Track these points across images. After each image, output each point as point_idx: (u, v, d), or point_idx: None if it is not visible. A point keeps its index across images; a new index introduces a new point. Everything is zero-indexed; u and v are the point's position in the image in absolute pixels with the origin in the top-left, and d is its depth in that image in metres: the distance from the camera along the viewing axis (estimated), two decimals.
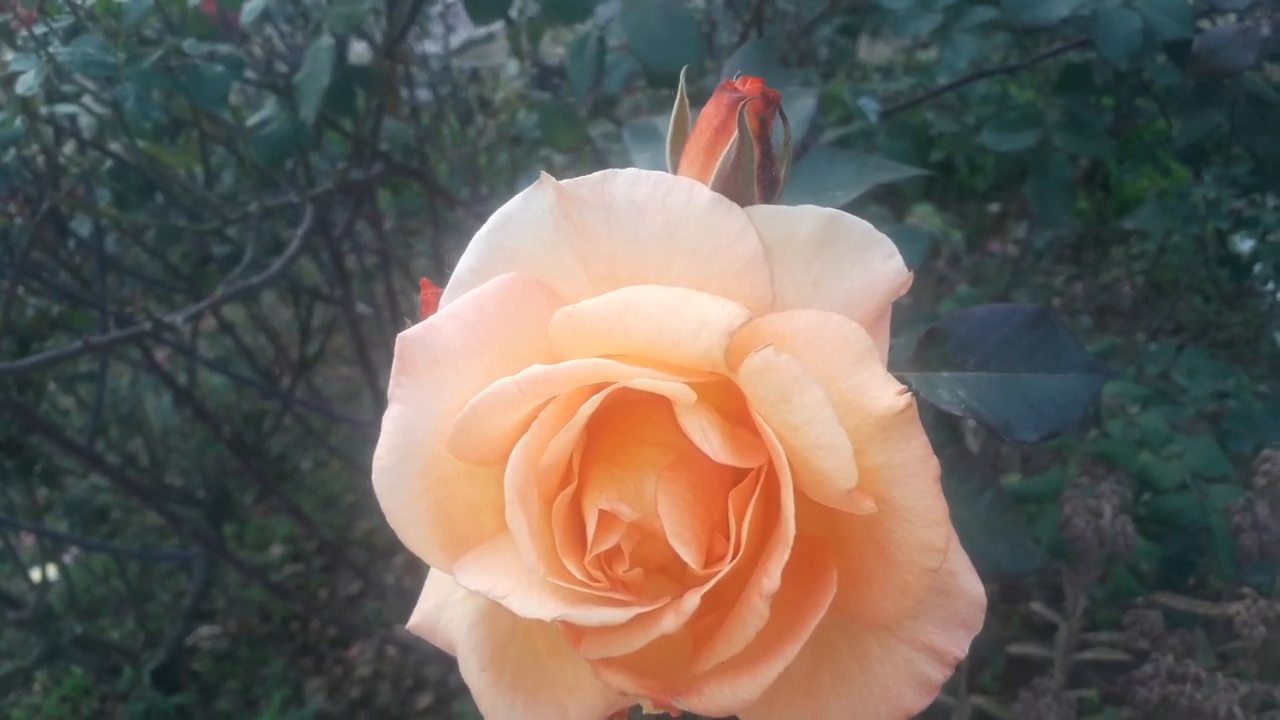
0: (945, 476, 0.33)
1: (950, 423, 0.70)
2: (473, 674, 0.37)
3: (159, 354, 1.82)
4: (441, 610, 0.40)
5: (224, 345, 2.01)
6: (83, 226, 1.32)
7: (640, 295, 0.33)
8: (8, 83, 0.74)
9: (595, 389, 0.34)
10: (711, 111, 0.38)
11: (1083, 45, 1.13)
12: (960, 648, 0.35)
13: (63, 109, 0.94)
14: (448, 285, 0.37)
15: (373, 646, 1.92)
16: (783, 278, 0.35)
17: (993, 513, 0.56)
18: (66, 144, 1.14)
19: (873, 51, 2.54)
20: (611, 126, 1.15)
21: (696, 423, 0.33)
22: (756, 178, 0.38)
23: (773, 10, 1.53)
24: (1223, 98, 1.05)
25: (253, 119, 1.01)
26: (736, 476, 0.35)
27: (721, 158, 0.38)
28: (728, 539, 0.34)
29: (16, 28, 0.76)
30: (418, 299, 0.42)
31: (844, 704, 0.36)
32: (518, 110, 1.37)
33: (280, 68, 1.07)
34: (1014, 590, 1.36)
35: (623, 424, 0.37)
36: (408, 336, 0.34)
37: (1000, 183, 2.58)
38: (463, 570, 0.34)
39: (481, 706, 0.37)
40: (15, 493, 1.68)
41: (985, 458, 1.18)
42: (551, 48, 1.86)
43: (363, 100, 1.07)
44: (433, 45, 1.87)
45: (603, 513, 0.34)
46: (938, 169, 2.45)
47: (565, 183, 0.35)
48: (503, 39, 1.61)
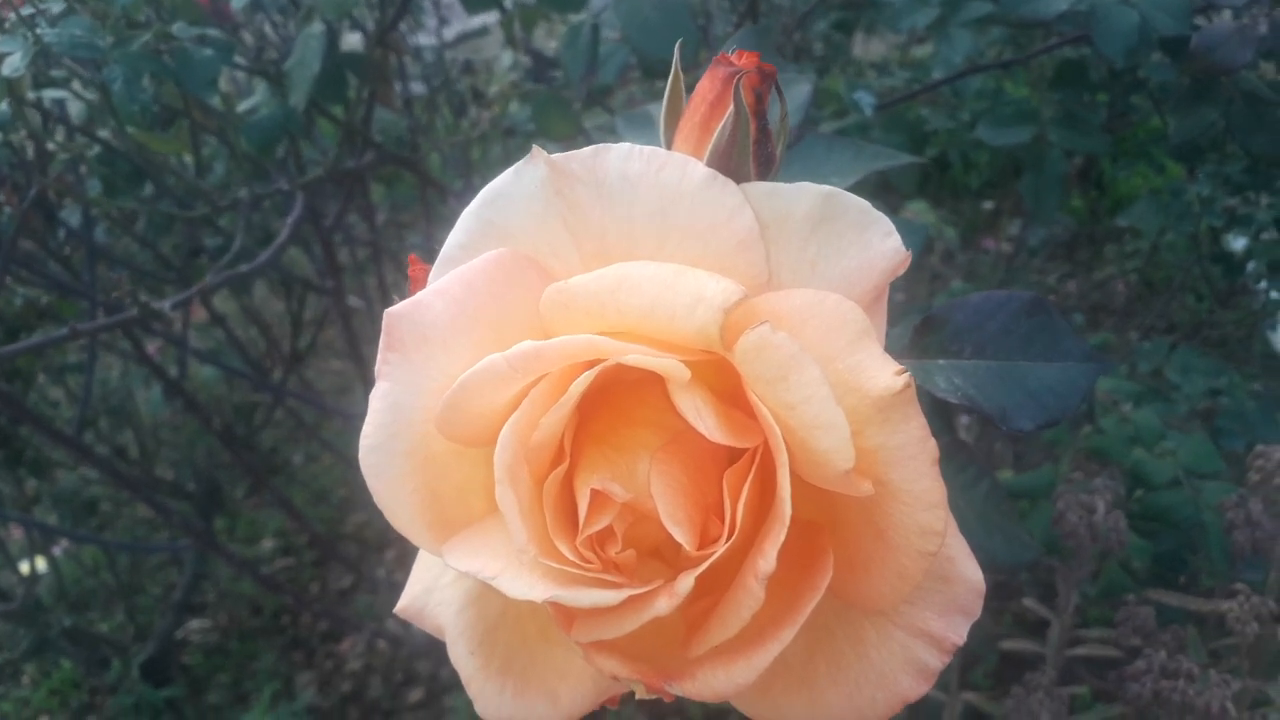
0: (941, 465, 0.32)
1: (944, 414, 0.70)
2: (461, 658, 0.36)
3: (150, 346, 1.80)
4: (430, 594, 0.39)
5: (215, 338, 2.00)
6: (73, 216, 1.31)
7: (634, 271, 0.33)
8: None
9: (587, 366, 0.33)
10: (706, 86, 0.37)
11: (1077, 41, 1.13)
12: (958, 634, 0.34)
13: (51, 93, 0.92)
14: (436, 261, 0.36)
15: (364, 640, 1.91)
16: (779, 256, 0.34)
17: (988, 504, 0.55)
18: (55, 131, 1.13)
19: (868, 48, 2.54)
20: (606, 118, 1.15)
21: (691, 401, 0.33)
22: (752, 154, 0.37)
23: (767, 5, 1.52)
24: (1219, 96, 1.04)
25: (243, 105, 1.00)
26: (731, 457, 0.35)
27: (716, 133, 0.37)
28: (722, 521, 0.33)
29: (4, 11, 0.75)
30: (409, 287, 0.41)
31: (840, 690, 0.35)
32: (511, 101, 1.36)
33: (271, 55, 1.06)
34: (1005, 586, 1.36)
35: (616, 404, 0.36)
36: (395, 312, 0.34)
37: (994, 180, 2.58)
38: (451, 551, 0.34)
39: (470, 691, 0.36)
40: (4, 484, 1.66)
41: (978, 452, 1.18)
42: (546, 41, 1.85)
43: (354, 89, 1.06)
44: (427, 38, 1.86)
45: (595, 493, 0.34)
46: (932, 166, 2.45)
47: (557, 157, 0.34)
48: (498, 31, 1.60)
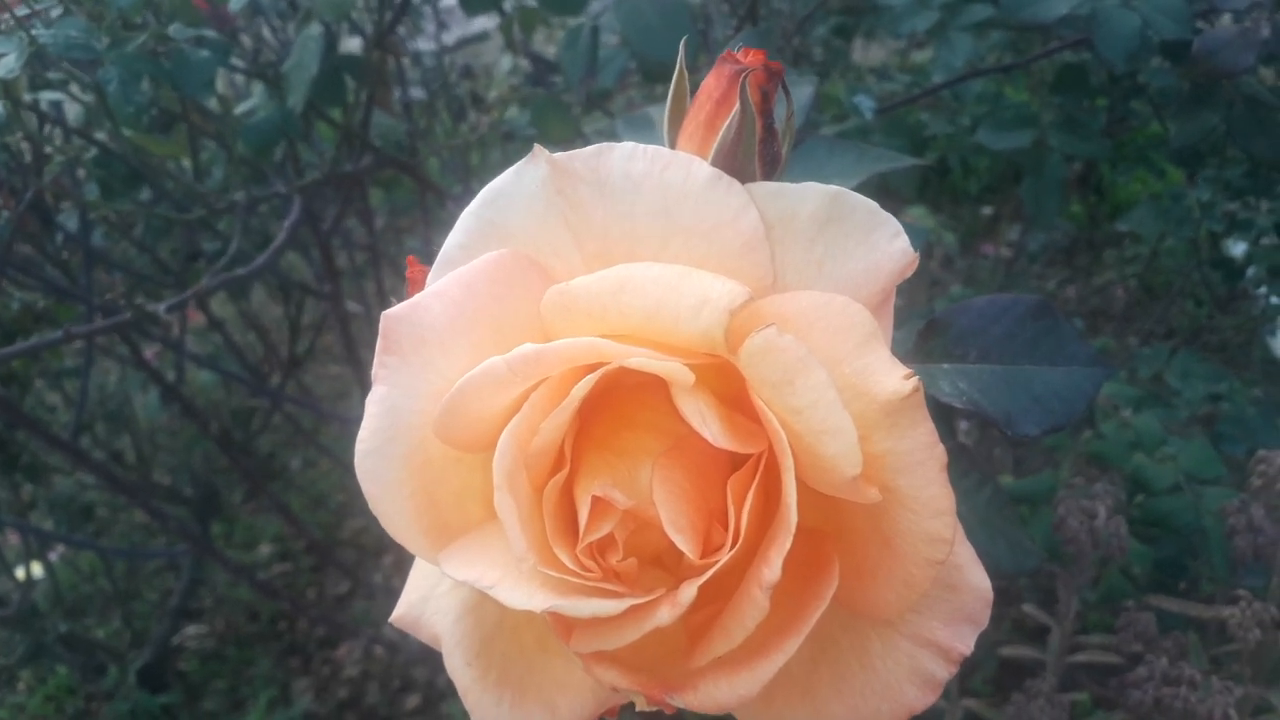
0: None
1: (945, 419, 0.69)
2: (458, 669, 0.36)
3: (148, 351, 1.80)
4: (426, 602, 0.38)
5: (213, 343, 2.00)
6: (70, 221, 1.30)
7: (637, 272, 0.32)
8: None
9: (589, 370, 0.33)
10: (712, 84, 0.37)
11: (1077, 46, 1.13)
12: (965, 644, 0.33)
13: (47, 96, 0.92)
14: (435, 262, 0.35)
15: (360, 647, 1.90)
16: (784, 258, 0.34)
17: (991, 509, 0.55)
18: (53, 135, 1.13)
19: (867, 54, 2.54)
20: (606, 121, 1.14)
21: (694, 406, 0.32)
22: (758, 153, 0.37)
23: (767, 9, 1.52)
24: (1220, 100, 1.04)
25: (240, 107, 0.99)
26: (735, 463, 0.34)
27: (722, 132, 0.36)
28: (726, 528, 0.32)
29: None
30: (407, 289, 0.40)
31: (844, 701, 0.34)
32: (510, 105, 1.36)
33: (269, 57, 1.06)
34: (1005, 592, 1.35)
35: (618, 409, 0.35)
36: (393, 314, 0.33)
37: (993, 185, 2.58)
38: (448, 559, 0.33)
39: (467, 703, 0.35)
40: (0, 489, 1.66)
41: (979, 457, 1.17)
42: (546, 47, 1.85)
43: (353, 92, 1.06)
44: (427, 43, 1.86)
45: (596, 499, 0.33)
46: (932, 171, 2.44)
47: (559, 155, 0.34)
48: (497, 37, 1.60)
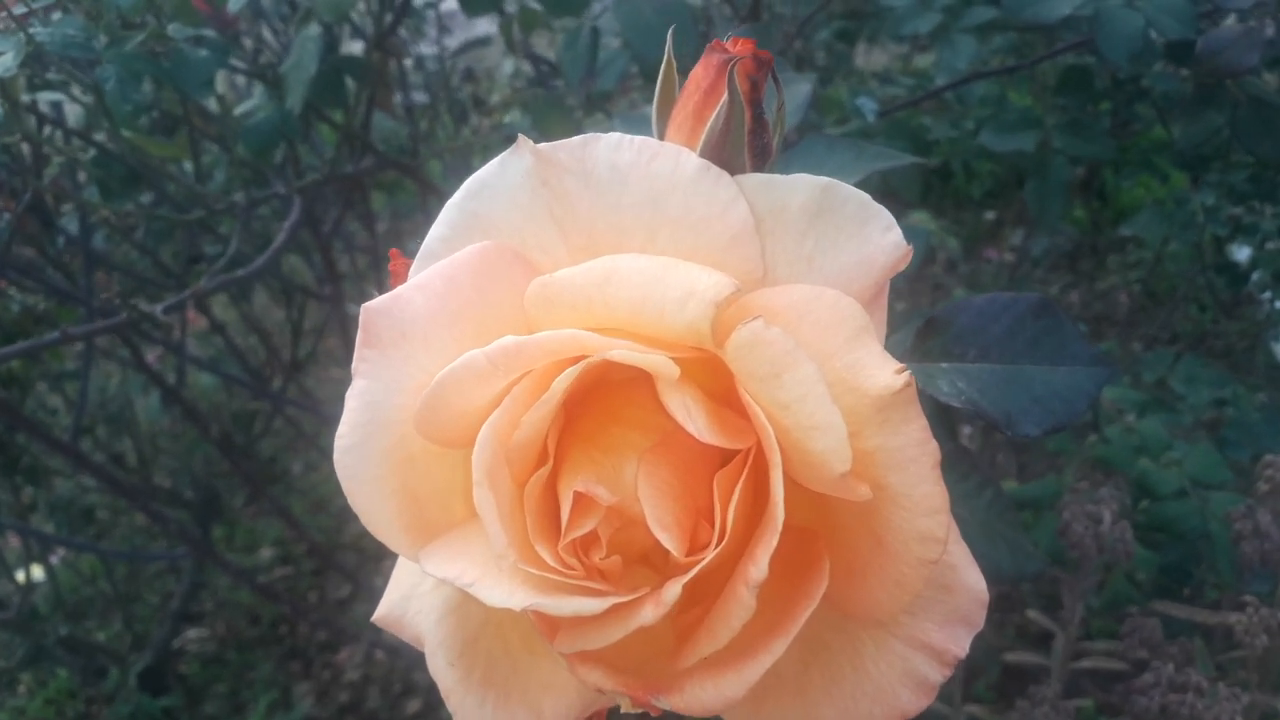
0: (943, 473, 0.31)
1: (946, 421, 0.68)
2: (441, 669, 0.35)
3: (150, 355, 1.80)
4: (409, 601, 0.37)
5: (215, 345, 2.00)
6: (72, 224, 1.30)
7: (622, 264, 0.31)
8: None
9: (572, 363, 0.32)
10: (700, 73, 0.36)
11: (1079, 47, 1.12)
12: (960, 646, 0.33)
13: (47, 96, 0.92)
14: (418, 255, 0.35)
15: (362, 651, 1.90)
16: (774, 251, 0.33)
17: (991, 513, 0.54)
18: (53, 136, 1.12)
19: (870, 59, 2.54)
20: (608, 123, 1.14)
21: (680, 400, 0.31)
22: (747, 144, 0.36)
23: (769, 14, 1.52)
24: (1225, 100, 1.04)
25: (240, 108, 0.99)
26: (722, 460, 0.33)
27: (710, 123, 0.36)
28: (713, 526, 0.32)
29: None
30: (390, 282, 0.40)
31: (835, 705, 0.33)
32: (512, 108, 1.36)
33: (270, 58, 1.06)
34: (1008, 598, 1.35)
35: (603, 405, 0.35)
36: (373, 307, 0.32)
37: (996, 190, 2.57)
38: (428, 557, 0.32)
39: (450, 704, 0.35)
40: (1, 492, 1.65)
41: (981, 462, 1.17)
42: (548, 52, 1.85)
43: (353, 93, 1.05)
44: (429, 47, 1.86)
45: (578, 495, 0.32)
46: (935, 175, 2.44)
47: (544, 146, 0.33)
48: (500, 41, 1.60)
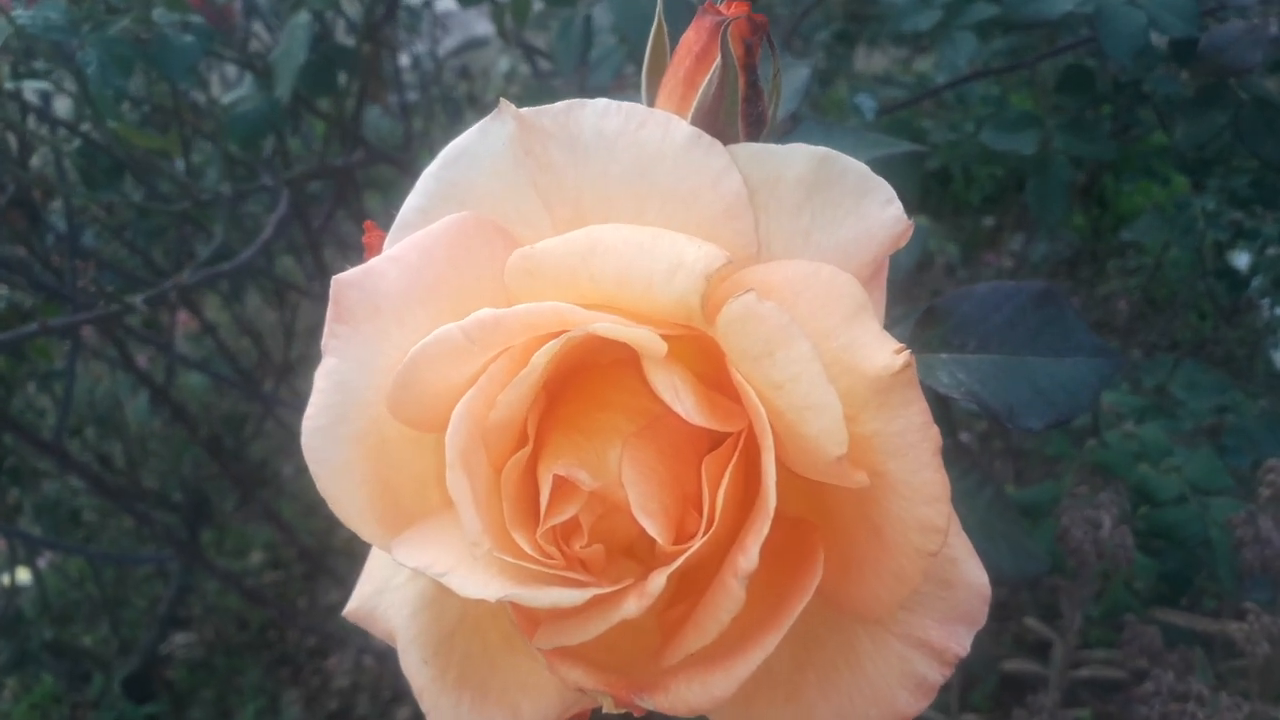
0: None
1: (946, 417, 0.67)
2: (414, 667, 0.33)
3: (142, 356, 1.78)
4: (381, 595, 0.36)
5: (206, 347, 1.98)
6: (62, 222, 1.28)
7: (607, 234, 0.30)
8: None
9: (554, 339, 0.30)
10: (692, 37, 0.34)
11: (1079, 47, 1.11)
12: (961, 644, 0.31)
13: (32, 84, 0.90)
14: (393, 226, 0.33)
15: (351, 657, 1.88)
16: (769, 225, 0.31)
17: (992, 512, 0.52)
18: (40, 127, 1.11)
19: (870, 61, 2.53)
20: None
21: (667, 379, 0.29)
22: (741, 112, 0.34)
23: (770, 15, 1.50)
24: (1228, 100, 1.03)
25: (227, 97, 0.97)
26: (711, 444, 0.31)
27: (702, 89, 0.34)
28: (701, 514, 0.30)
29: None
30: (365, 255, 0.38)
31: (830, 705, 0.32)
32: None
33: (259, 48, 1.04)
34: (1006, 606, 1.33)
35: (588, 388, 0.33)
36: (344, 279, 0.30)
37: (995, 195, 2.57)
38: (400, 546, 0.30)
39: (423, 703, 0.33)
40: None
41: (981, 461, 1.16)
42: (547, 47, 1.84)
43: (345, 85, 1.04)
44: (427, 47, 1.85)
45: (559, 479, 0.30)
46: (933, 180, 2.43)
47: (527, 111, 0.31)
48: (497, 41, 1.59)
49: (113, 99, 0.73)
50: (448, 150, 0.33)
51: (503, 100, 0.31)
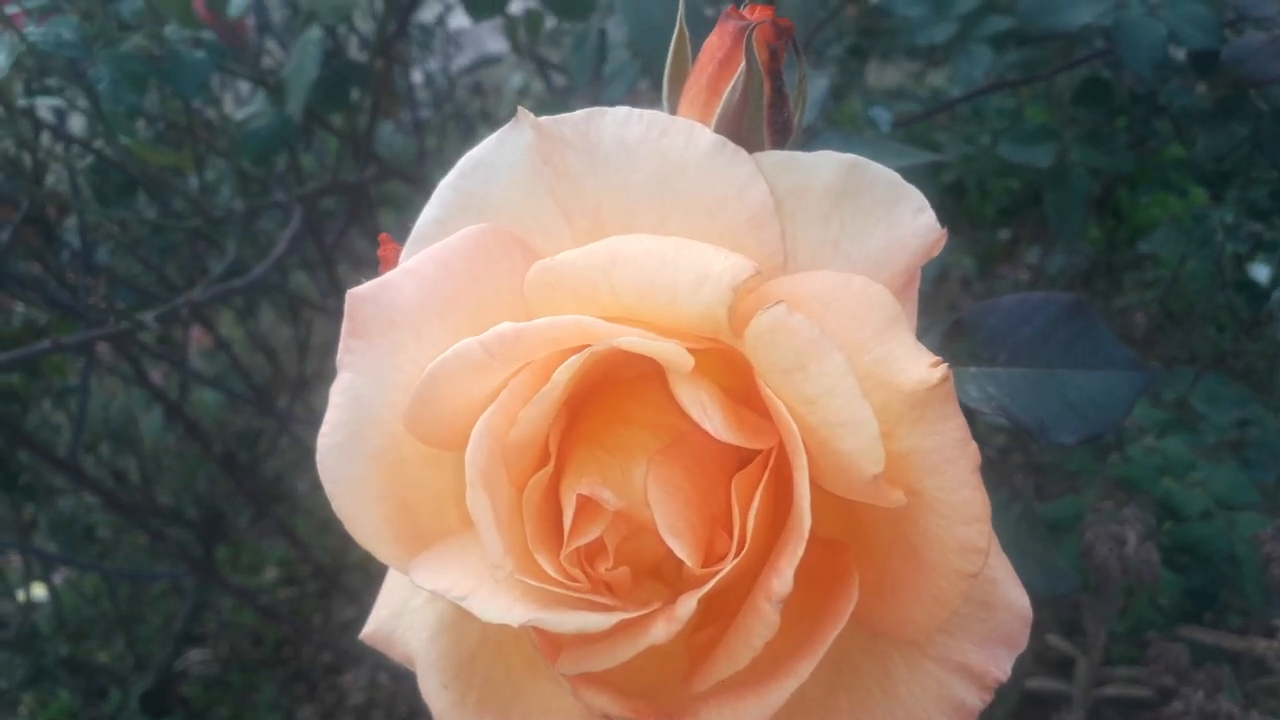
0: None
1: (973, 431, 0.66)
2: (433, 692, 0.32)
3: (156, 372, 1.79)
4: (399, 617, 0.35)
5: (221, 364, 1.98)
6: (77, 239, 1.29)
7: (630, 245, 0.29)
8: None
9: (576, 353, 0.29)
10: (715, 42, 0.33)
11: (1095, 59, 1.11)
12: (1001, 668, 0.30)
13: (45, 101, 0.90)
14: (409, 239, 0.32)
15: (366, 674, 1.87)
16: (796, 235, 0.30)
17: (1022, 529, 0.51)
18: (55, 146, 1.11)
19: (882, 77, 2.53)
20: None
21: (694, 394, 0.28)
22: (766, 119, 0.33)
23: None
24: (1248, 112, 1.02)
25: (240, 113, 0.97)
26: (741, 462, 0.30)
27: (725, 95, 0.33)
28: (731, 535, 0.29)
29: None
30: (380, 269, 0.37)
31: None
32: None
33: (271, 64, 1.04)
34: None
35: (612, 403, 0.32)
36: (359, 294, 0.30)
37: (1011, 208, 2.55)
38: (419, 568, 0.29)
39: None
40: (0, 509, 1.64)
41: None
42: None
43: (358, 101, 1.04)
44: (440, 64, 1.85)
45: (582, 499, 0.29)
46: (948, 193, 2.41)
47: (545, 120, 0.30)
48: (511, 59, 1.59)
49: (125, 115, 0.72)
50: (465, 160, 0.32)
51: (520, 109, 0.30)
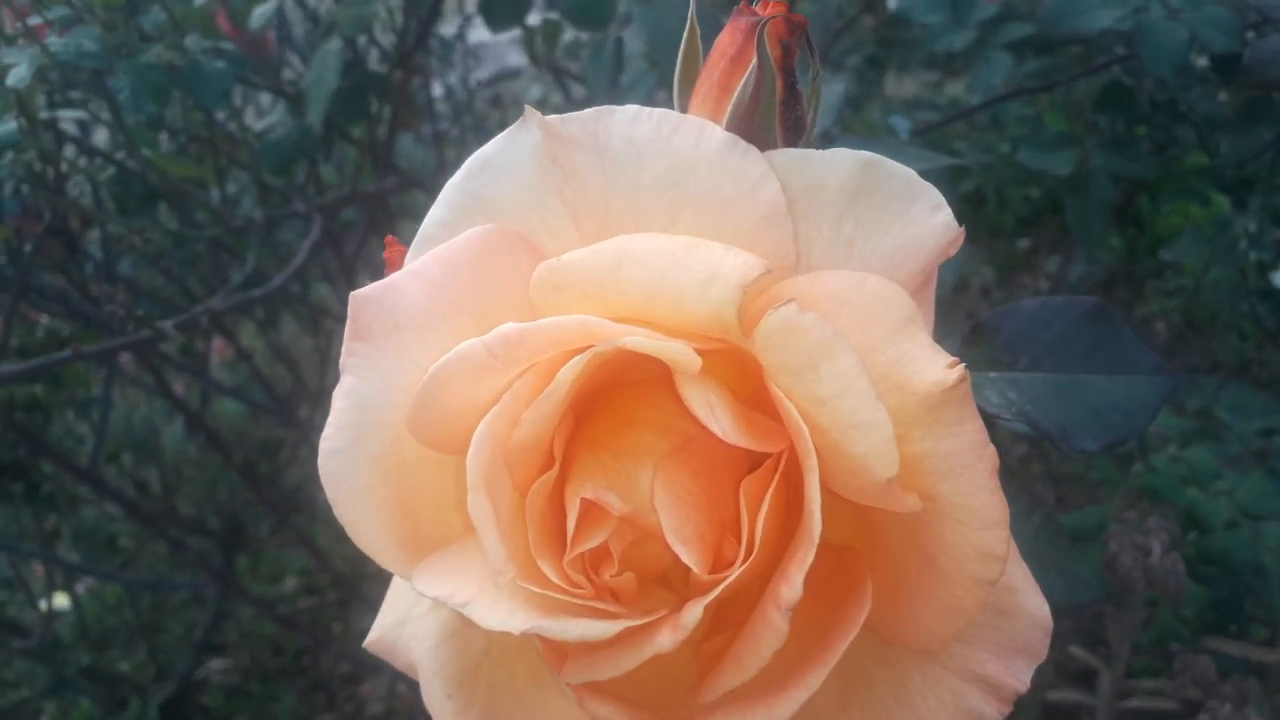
0: None
1: (991, 438, 0.65)
2: (436, 701, 0.31)
3: (177, 383, 1.80)
4: (403, 625, 0.34)
5: (241, 374, 2.00)
6: (99, 250, 1.30)
7: (637, 244, 0.28)
8: None
9: (580, 354, 0.29)
10: (726, 39, 0.33)
11: (1114, 64, 1.10)
12: (1020, 679, 0.29)
13: (67, 114, 0.91)
14: (414, 240, 0.31)
15: (385, 684, 1.87)
16: (810, 234, 0.30)
17: (1042, 538, 0.50)
18: (78, 158, 1.12)
19: (900, 86, 2.52)
20: None
21: (702, 396, 0.28)
22: (779, 116, 0.33)
23: None
24: (1273, 116, 1.01)
25: (260, 124, 0.98)
26: (750, 466, 0.30)
27: (737, 93, 0.32)
28: (739, 540, 0.28)
29: (11, 20, 0.73)
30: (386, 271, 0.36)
31: None
32: None
33: (291, 75, 1.05)
34: None
35: (618, 407, 0.31)
36: (362, 296, 0.29)
37: (1030, 218, 2.54)
38: (421, 574, 0.29)
39: None
40: (24, 519, 1.65)
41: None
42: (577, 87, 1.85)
43: (377, 112, 1.04)
44: (459, 77, 1.86)
45: (587, 503, 0.29)
46: (966, 203, 2.40)
47: (553, 119, 0.30)
48: (530, 72, 1.59)
49: (146, 127, 0.73)
50: (472, 160, 0.31)
51: (528, 108, 0.30)
